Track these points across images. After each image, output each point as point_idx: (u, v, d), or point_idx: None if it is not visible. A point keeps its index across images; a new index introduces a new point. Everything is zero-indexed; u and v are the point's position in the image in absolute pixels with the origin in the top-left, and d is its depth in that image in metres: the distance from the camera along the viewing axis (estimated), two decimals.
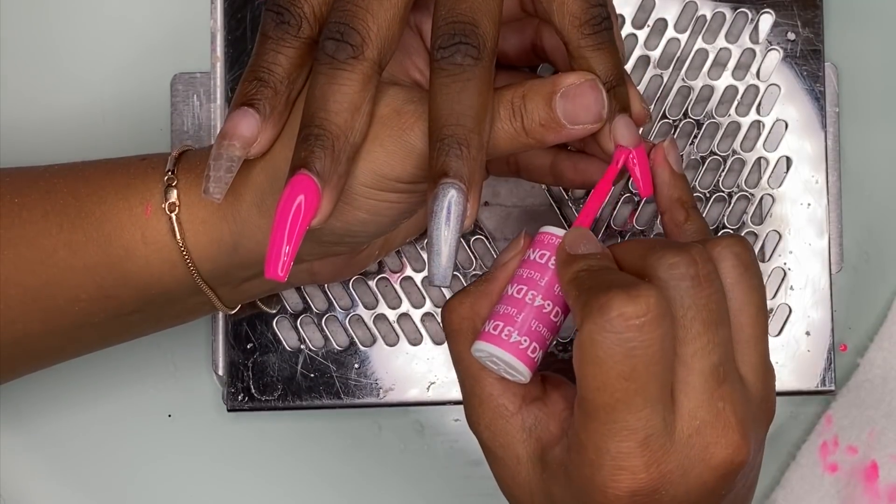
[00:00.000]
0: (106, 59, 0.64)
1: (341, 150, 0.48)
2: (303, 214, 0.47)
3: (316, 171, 0.47)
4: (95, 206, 0.53)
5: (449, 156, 0.47)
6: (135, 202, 0.53)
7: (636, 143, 0.50)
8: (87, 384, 0.63)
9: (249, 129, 0.49)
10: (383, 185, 0.49)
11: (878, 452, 0.63)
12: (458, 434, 0.64)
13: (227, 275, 0.54)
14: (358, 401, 0.62)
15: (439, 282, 0.47)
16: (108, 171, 0.54)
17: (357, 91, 0.48)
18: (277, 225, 0.47)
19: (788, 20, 0.62)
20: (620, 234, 0.62)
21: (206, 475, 0.64)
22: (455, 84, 0.47)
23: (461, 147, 0.47)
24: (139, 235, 0.53)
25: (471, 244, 0.62)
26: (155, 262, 0.53)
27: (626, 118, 0.50)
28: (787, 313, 0.62)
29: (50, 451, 0.64)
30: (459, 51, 0.47)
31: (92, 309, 0.54)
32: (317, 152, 0.47)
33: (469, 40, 0.48)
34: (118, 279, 0.53)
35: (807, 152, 0.62)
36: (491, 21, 0.48)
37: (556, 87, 0.49)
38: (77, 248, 0.53)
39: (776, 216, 0.62)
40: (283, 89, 0.49)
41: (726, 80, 0.62)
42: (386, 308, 0.62)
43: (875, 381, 0.63)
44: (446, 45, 0.48)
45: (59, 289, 0.54)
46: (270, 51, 0.49)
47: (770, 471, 0.64)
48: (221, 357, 0.62)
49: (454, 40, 0.48)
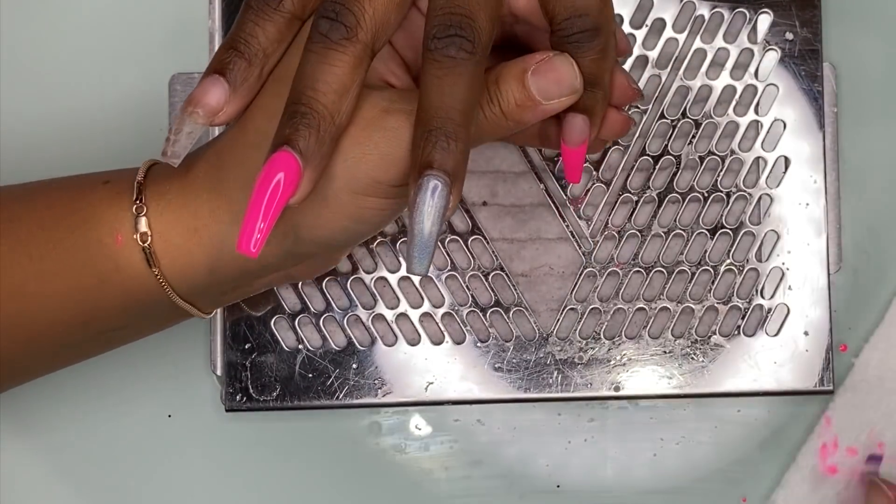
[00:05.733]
0: (105, 59, 0.64)
1: (326, 130, 0.47)
2: (281, 192, 0.47)
3: (299, 150, 0.47)
4: (64, 235, 0.52)
5: (436, 148, 0.47)
6: (104, 232, 0.52)
7: (579, 145, 0.51)
8: (87, 384, 0.63)
9: (216, 99, 0.49)
10: (377, 190, 0.49)
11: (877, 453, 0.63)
12: (458, 434, 0.64)
13: (205, 292, 0.53)
14: (356, 401, 0.62)
15: (418, 272, 0.47)
16: (72, 199, 0.53)
17: (347, 73, 0.47)
18: (255, 200, 0.47)
19: (787, 20, 0.62)
20: (619, 233, 0.62)
21: (204, 475, 0.64)
22: (448, 77, 0.47)
23: (448, 140, 0.47)
24: (112, 265, 0.52)
25: (469, 244, 0.62)
26: (131, 289, 0.52)
27: (580, 119, 0.50)
28: (785, 313, 0.62)
29: (50, 450, 0.64)
30: (454, 43, 0.47)
31: (72, 331, 0.54)
32: (302, 130, 0.47)
33: (464, 33, 0.47)
34: (95, 304, 0.53)
35: (805, 152, 0.62)
36: (488, 15, 0.48)
37: (527, 64, 0.49)
38: (49, 277, 0.52)
39: (774, 216, 0.62)
40: (257, 62, 0.49)
41: (724, 80, 0.62)
42: (384, 308, 0.62)
43: (872, 382, 0.63)
44: (441, 35, 0.47)
45: (36, 316, 0.53)
46: (250, 22, 0.49)
47: (770, 472, 0.64)
48: (220, 357, 0.62)
49: (449, 32, 0.47)
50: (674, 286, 0.62)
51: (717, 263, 0.62)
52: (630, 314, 0.62)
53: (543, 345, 0.62)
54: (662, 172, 0.62)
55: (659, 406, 0.63)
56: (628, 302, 0.62)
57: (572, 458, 0.63)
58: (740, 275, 0.62)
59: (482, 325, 0.62)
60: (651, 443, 0.63)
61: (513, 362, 0.62)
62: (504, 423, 0.63)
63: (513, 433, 0.63)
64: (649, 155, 0.62)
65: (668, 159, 0.62)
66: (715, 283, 0.62)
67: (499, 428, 0.63)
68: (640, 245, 0.62)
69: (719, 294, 0.62)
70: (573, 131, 0.50)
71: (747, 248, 0.62)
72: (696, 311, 0.62)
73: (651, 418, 0.63)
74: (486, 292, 0.62)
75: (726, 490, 0.64)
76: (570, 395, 0.62)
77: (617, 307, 0.62)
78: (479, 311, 0.62)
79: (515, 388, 0.62)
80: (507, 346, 0.62)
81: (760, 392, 0.62)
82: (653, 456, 0.63)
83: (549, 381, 0.62)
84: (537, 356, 0.62)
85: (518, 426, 0.63)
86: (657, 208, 0.62)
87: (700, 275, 0.62)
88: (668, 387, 0.62)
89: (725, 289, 0.62)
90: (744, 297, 0.62)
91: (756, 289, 0.62)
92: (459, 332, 0.62)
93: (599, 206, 0.62)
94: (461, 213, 0.62)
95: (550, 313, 0.62)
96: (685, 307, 0.62)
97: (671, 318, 0.62)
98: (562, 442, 0.63)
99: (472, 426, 0.64)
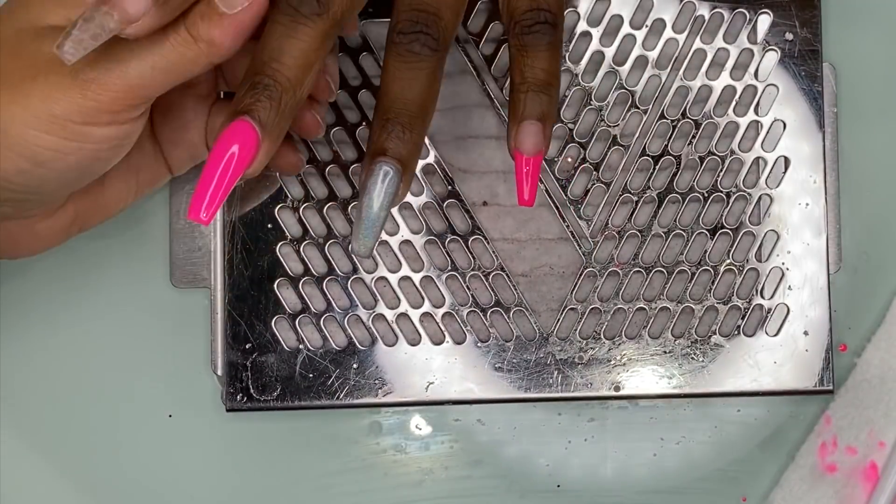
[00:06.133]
0: None
1: (287, 104, 0.47)
2: (236, 161, 0.46)
3: (259, 120, 0.46)
4: None
5: (391, 137, 0.48)
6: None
7: (535, 153, 0.51)
8: (87, 384, 0.63)
9: (135, 7, 0.45)
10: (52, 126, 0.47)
11: (877, 453, 0.63)
12: (458, 434, 0.64)
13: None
14: (356, 401, 0.62)
15: (362, 253, 0.49)
16: None
17: (314, 49, 0.47)
18: (209, 167, 0.46)
19: (786, 20, 0.62)
20: (619, 233, 0.62)
21: (205, 474, 0.64)
22: (410, 72, 0.48)
23: (404, 130, 0.48)
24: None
25: (469, 244, 0.62)
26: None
27: (534, 125, 0.50)
28: (785, 313, 0.62)
29: (50, 450, 0.64)
30: (419, 40, 0.48)
31: None
32: (263, 101, 0.46)
33: (430, 31, 0.48)
34: None
35: (805, 152, 0.62)
36: (454, 13, 0.49)
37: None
38: None
39: (774, 216, 0.62)
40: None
41: (724, 81, 0.62)
42: (384, 308, 0.62)
43: (873, 382, 0.63)
44: (407, 31, 0.48)
45: None
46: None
47: (769, 471, 0.64)
48: (220, 357, 0.62)
49: (416, 28, 0.48)
50: (674, 286, 0.62)
51: (717, 263, 0.62)
52: (630, 314, 0.62)
53: (543, 345, 0.62)
54: (662, 172, 0.62)
55: (659, 406, 0.63)
56: (628, 302, 0.62)
57: (572, 458, 0.63)
58: (740, 275, 0.62)
59: (482, 325, 0.62)
60: (651, 443, 0.63)
61: (513, 362, 0.62)
62: (504, 423, 0.63)
63: (513, 433, 0.63)
64: (649, 155, 0.62)
65: (668, 159, 0.62)
66: (715, 283, 0.62)
67: (499, 428, 0.64)
68: (640, 245, 0.62)
69: (719, 294, 0.62)
70: (526, 139, 0.50)
71: (747, 248, 0.62)
72: (696, 311, 0.62)
73: (651, 418, 0.63)
74: (487, 292, 0.62)
75: (726, 490, 0.64)
76: (570, 394, 0.62)
77: (617, 307, 0.62)
78: (480, 311, 0.62)
79: (515, 388, 0.62)
80: (507, 346, 0.62)
81: (760, 392, 0.62)
82: (653, 456, 0.64)
83: (549, 381, 0.62)
84: (537, 356, 0.62)
85: (518, 426, 0.63)
86: (657, 208, 0.62)
87: (700, 275, 0.62)
88: (668, 387, 0.62)
89: (725, 289, 0.62)
90: (744, 297, 0.62)
91: (756, 289, 0.62)
92: (460, 332, 0.62)
93: (599, 206, 0.62)
94: (461, 214, 0.62)
95: (550, 313, 0.62)
96: (685, 307, 0.62)
97: (671, 318, 0.62)
98: (562, 442, 0.63)
99: (473, 426, 0.64)
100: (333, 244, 0.62)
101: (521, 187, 0.52)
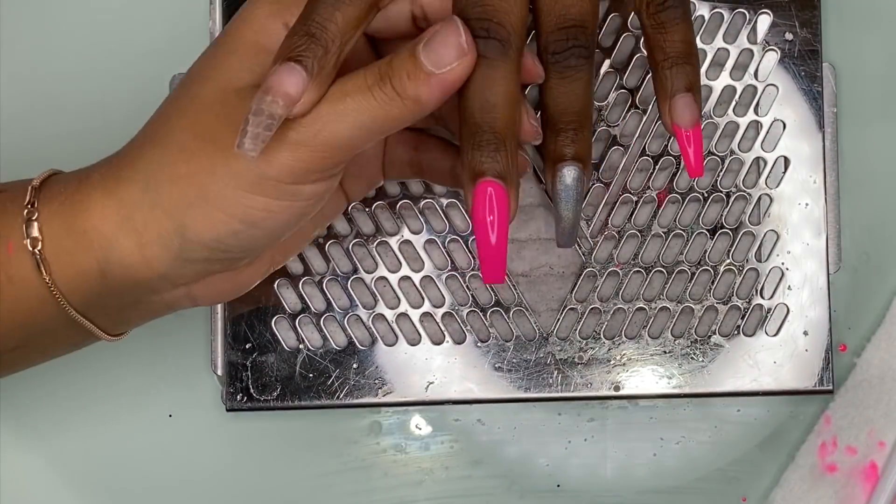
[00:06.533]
0: (105, 60, 0.64)
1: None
2: (498, 225, 0.48)
3: (502, 177, 0.48)
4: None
5: (567, 142, 0.50)
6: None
7: (692, 124, 0.51)
8: (88, 384, 0.63)
9: (295, 87, 0.46)
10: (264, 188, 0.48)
11: (877, 453, 0.63)
12: (458, 434, 0.64)
13: (102, 304, 0.51)
14: (356, 401, 0.62)
15: (568, 247, 0.54)
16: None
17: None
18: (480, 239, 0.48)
19: (786, 20, 0.62)
20: (619, 233, 0.62)
21: (205, 475, 0.64)
22: (570, 84, 0.50)
23: (577, 132, 0.50)
24: (3, 275, 0.50)
25: (469, 244, 0.62)
26: (24, 300, 0.50)
27: (686, 97, 0.51)
28: (784, 313, 0.62)
29: (50, 451, 0.64)
30: (573, 54, 0.50)
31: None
32: (500, 155, 0.48)
33: (580, 42, 0.50)
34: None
35: (805, 152, 0.62)
36: (594, 16, 0.50)
37: (420, 40, 0.48)
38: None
39: (774, 216, 0.62)
40: (334, 49, 0.47)
41: (724, 81, 0.62)
42: (384, 308, 0.62)
43: (873, 382, 0.63)
44: (560, 50, 0.50)
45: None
46: (328, 5, 0.47)
47: (769, 471, 0.64)
48: (220, 357, 0.62)
49: (567, 46, 0.50)
50: (674, 286, 0.62)
51: (717, 263, 0.62)
52: (630, 314, 0.62)
53: (543, 345, 0.62)
54: (662, 172, 0.62)
55: (659, 406, 0.63)
56: (628, 302, 0.62)
57: (572, 457, 0.63)
58: (740, 275, 0.62)
59: (482, 325, 0.62)
60: (651, 442, 0.63)
61: (513, 362, 0.62)
62: (504, 422, 0.63)
63: (513, 433, 0.64)
64: (649, 155, 0.62)
65: (668, 159, 0.62)
66: (715, 283, 0.62)
67: (499, 428, 0.64)
68: (640, 245, 0.62)
69: (719, 294, 0.62)
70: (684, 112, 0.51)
71: (747, 248, 0.62)
72: (695, 311, 0.62)
73: (651, 418, 0.64)
74: (487, 292, 0.62)
75: (726, 489, 0.64)
76: (570, 394, 0.62)
77: (617, 307, 0.62)
78: (480, 310, 0.62)
79: (515, 388, 0.62)
80: (507, 345, 0.62)
81: (760, 392, 0.62)
82: (653, 456, 0.64)
83: (549, 381, 0.62)
84: (537, 356, 0.62)
85: (518, 426, 0.63)
86: (657, 208, 0.62)
87: (700, 275, 0.62)
88: (667, 386, 0.62)
89: (725, 289, 0.62)
90: (743, 297, 0.62)
91: (756, 289, 0.62)
92: (460, 331, 0.62)
93: (599, 206, 0.62)
94: (462, 214, 0.62)
95: (550, 313, 0.62)
96: (685, 307, 0.62)
97: (671, 318, 0.62)
98: (562, 442, 0.63)
99: (473, 426, 0.64)
100: (333, 244, 0.62)
101: (688, 160, 0.52)
